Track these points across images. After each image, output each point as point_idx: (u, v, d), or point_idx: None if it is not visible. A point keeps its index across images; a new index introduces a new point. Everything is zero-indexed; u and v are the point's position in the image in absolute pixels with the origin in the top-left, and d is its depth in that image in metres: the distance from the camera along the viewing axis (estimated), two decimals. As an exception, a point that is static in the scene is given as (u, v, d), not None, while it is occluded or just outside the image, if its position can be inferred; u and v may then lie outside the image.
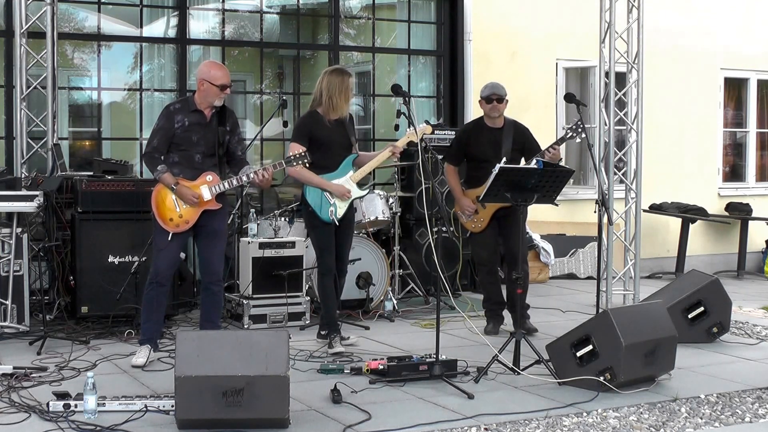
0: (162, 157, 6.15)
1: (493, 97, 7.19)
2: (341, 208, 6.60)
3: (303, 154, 6.24)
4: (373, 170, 7.37)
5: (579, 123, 6.87)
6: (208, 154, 6.23)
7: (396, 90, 6.39)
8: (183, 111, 6.20)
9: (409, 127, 6.47)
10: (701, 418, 5.29)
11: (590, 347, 5.69)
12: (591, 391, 5.57)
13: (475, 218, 7.32)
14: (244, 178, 6.25)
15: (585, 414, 5.26)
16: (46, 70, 8.04)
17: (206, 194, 6.17)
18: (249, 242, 7.61)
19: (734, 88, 12.32)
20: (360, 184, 6.77)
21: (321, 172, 6.57)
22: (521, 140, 7.26)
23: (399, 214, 8.44)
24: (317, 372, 6.02)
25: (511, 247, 7.13)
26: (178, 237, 6.21)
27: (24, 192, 7.01)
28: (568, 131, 6.96)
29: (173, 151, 6.17)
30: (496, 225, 7.30)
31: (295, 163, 6.27)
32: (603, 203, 6.75)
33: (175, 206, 6.14)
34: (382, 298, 8.15)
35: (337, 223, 6.58)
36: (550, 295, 9.48)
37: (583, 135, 6.90)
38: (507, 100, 7.27)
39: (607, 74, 8.82)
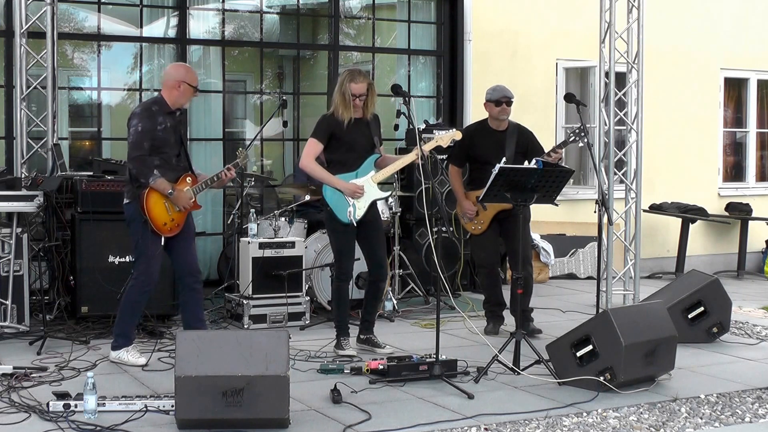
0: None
1: (503, 100, 7.18)
2: (360, 210, 6.45)
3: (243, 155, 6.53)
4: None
5: (582, 127, 6.85)
6: (177, 154, 6.24)
7: (396, 90, 6.39)
8: (161, 112, 6.13)
9: (409, 126, 6.43)
10: (701, 418, 5.28)
11: (590, 347, 5.69)
12: (591, 391, 5.57)
13: (476, 220, 7.32)
14: (215, 178, 6.27)
15: (585, 414, 5.26)
16: (46, 70, 8.03)
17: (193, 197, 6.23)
18: (249, 242, 7.61)
19: (734, 88, 12.31)
20: (382, 185, 6.62)
21: (341, 170, 6.46)
22: (525, 143, 7.26)
23: (399, 214, 8.43)
24: (317, 372, 6.02)
25: (513, 248, 7.12)
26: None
27: (24, 192, 7.02)
28: (571, 135, 6.94)
29: (153, 153, 6.07)
30: (497, 227, 7.30)
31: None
32: (603, 203, 6.75)
33: (167, 211, 6.12)
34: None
35: (355, 224, 6.46)
36: (550, 295, 9.48)
37: (586, 140, 6.90)
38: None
39: (607, 74, 8.81)
